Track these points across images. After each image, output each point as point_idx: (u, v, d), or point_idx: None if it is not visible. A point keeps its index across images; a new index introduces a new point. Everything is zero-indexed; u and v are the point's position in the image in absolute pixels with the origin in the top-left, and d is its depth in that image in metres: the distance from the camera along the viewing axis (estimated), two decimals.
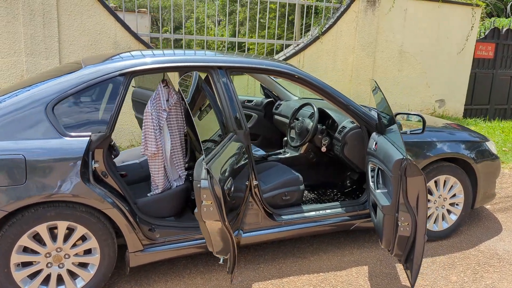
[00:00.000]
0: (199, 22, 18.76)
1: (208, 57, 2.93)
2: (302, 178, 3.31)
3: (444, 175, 3.42)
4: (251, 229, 3.01)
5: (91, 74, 2.62)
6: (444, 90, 8.28)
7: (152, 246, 2.76)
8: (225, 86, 2.87)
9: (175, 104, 3.01)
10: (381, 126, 2.96)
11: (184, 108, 3.10)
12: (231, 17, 17.35)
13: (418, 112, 2.98)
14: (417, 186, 2.37)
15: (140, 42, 5.78)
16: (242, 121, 2.88)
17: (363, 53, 7.20)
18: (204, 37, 6.56)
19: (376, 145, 2.87)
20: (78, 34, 5.48)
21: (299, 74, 3.07)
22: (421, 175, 2.35)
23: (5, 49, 5.20)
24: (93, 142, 2.53)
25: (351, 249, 3.36)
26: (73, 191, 2.44)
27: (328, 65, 7.01)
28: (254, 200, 2.97)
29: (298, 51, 6.73)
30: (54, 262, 2.55)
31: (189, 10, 19.76)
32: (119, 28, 5.65)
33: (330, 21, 6.96)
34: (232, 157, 2.58)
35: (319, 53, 6.88)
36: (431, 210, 3.47)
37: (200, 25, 18.41)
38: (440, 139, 3.42)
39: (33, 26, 5.22)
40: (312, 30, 7.14)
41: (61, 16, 5.35)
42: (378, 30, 7.25)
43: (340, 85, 7.15)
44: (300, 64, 6.78)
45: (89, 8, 5.46)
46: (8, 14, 5.14)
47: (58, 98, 2.53)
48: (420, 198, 2.37)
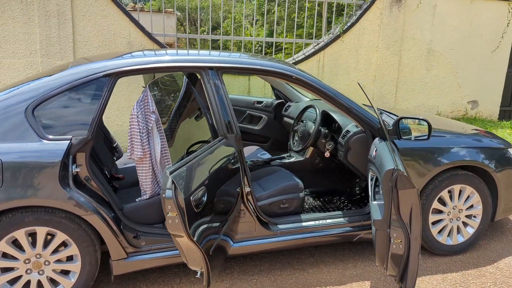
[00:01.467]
0: (236, 22, 18.65)
1: (199, 57, 2.79)
2: (306, 185, 3.13)
3: (459, 184, 3.14)
4: (243, 239, 2.85)
5: (74, 75, 2.54)
6: (477, 91, 7.80)
7: (137, 254, 2.65)
8: (216, 88, 2.73)
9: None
10: (383, 131, 2.73)
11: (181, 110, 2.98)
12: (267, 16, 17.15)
13: (423, 117, 2.73)
14: (410, 199, 2.13)
15: (154, 42, 5.72)
16: (233, 125, 2.73)
17: (387, 51, 6.87)
18: (219, 36, 6.45)
19: (376, 152, 2.64)
20: (92, 35, 5.49)
21: (296, 75, 2.88)
22: (413, 188, 2.11)
23: (21, 50, 5.27)
24: (74, 146, 2.44)
25: (354, 262, 3.13)
26: (50, 196, 2.36)
27: (350, 65, 6.73)
28: (247, 208, 2.81)
29: (318, 50, 6.50)
30: (33, 268, 2.48)
31: (226, 11, 19.69)
32: (133, 28, 5.62)
33: (352, 18, 6.68)
34: (214, 164, 2.43)
35: (341, 52, 6.62)
36: (445, 222, 3.19)
37: (236, 25, 18.27)
38: (455, 144, 3.13)
39: (48, 27, 5.26)
40: (334, 29, 6.88)
41: (76, 17, 5.37)
42: (404, 27, 6.90)
43: (363, 85, 6.86)
44: (320, 63, 6.54)
45: (103, 9, 5.46)
46: (24, 15, 5.20)
47: (39, 100, 2.45)
48: (414, 213, 2.13)
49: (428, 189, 3.09)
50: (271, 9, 15.40)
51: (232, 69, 2.82)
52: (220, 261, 2.48)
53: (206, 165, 2.34)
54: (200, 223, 2.14)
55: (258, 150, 4.21)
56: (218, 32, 18.98)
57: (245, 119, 4.71)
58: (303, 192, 3.14)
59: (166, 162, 2.95)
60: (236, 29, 17.76)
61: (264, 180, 3.30)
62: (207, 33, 19.33)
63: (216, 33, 18.74)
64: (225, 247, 2.67)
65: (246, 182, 2.81)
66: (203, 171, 2.27)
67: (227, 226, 2.51)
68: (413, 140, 2.73)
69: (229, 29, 17.70)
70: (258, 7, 16.54)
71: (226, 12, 19.84)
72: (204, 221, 2.20)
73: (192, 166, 2.20)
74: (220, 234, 2.40)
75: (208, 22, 20.25)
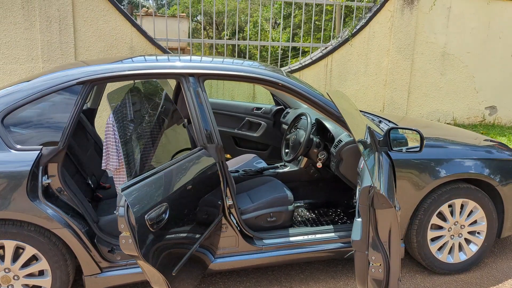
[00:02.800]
0: (257, 26, 18.53)
1: (179, 63, 2.66)
2: (300, 196, 2.96)
3: (461, 198, 2.92)
4: (226, 254, 2.70)
5: (47, 83, 2.44)
6: (496, 96, 7.46)
7: (112, 269, 2.53)
8: (196, 96, 2.60)
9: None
10: (374, 142, 2.54)
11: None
12: (288, 20, 17.00)
13: (415, 128, 2.53)
14: (388, 220, 1.94)
15: (156, 47, 5.65)
16: (213, 135, 2.59)
17: (399, 55, 6.63)
18: (224, 41, 6.33)
19: (362, 165, 2.46)
20: (94, 40, 5.45)
21: (283, 82, 2.72)
22: (391, 208, 1.92)
23: (23, 56, 5.27)
24: (44, 156, 2.34)
25: (347, 280, 2.94)
26: (17, 208, 2.26)
27: (359, 69, 6.52)
28: (229, 222, 2.66)
29: (325, 55, 6.31)
30: (2, 283, 2.39)
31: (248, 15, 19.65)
32: (135, 33, 5.56)
33: (361, 22, 6.47)
34: (184, 176, 2.28)
35: (349, 56, 6.42)
36: (445, 239, 2.97)
37: (257, 29, 18.15)
38: (457, 156, 2.92)
39: (49, 32, 5.25)
40: (342, 32, 6.69)
41: (77, 22, 5.34)
42: (416, 30, 6.65)
43: (373, 90, 6.63)
44: (328, 68, 6.35)
45: (105, 14, 5.42)
46: (25, 21, 5.20)
47: (9, 109, 2.37)
48: (393, 235, 1.94)
49: (426, 203, 2.88)
50: (292, 13, 15.25)
51: (214, 75, 2.68)
52: (190, 281, 2.33)
53: (173, 178, 2.20)
54: (158, 242, 1.99)
55: (254, 158, 4.06)
56: (240, 36, 18.94)
57: (244, 126, 4.57)
58: (293, 205, 2.98)
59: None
60: (257, 34, 17.65)
61: (254, 191, 3.15)
62: (229, 38, 19.33)
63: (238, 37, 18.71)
64: (204, 263, 2.53)
65: (229, 194, 2.66)
66: (167, 185, 2.13)
67: (199, 243, 2.36)
68: (404, 152, 2.54)
69: (251, 33, 17.63)
70: (279, 11, 16.39)
71: (246, 16, 19.78)
72: (165, 241, 2.05)
73: (152, 181, 2.07)
74: (189, 253, 2.24)
75: (231, 26, 20.20)
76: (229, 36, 19.61)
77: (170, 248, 2.08)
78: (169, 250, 2.08)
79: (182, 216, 2.21)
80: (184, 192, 2.25)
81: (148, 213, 1.93)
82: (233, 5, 19.52)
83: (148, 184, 2.03)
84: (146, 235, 1.90)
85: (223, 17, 19.41)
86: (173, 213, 2.12)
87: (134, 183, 1.97)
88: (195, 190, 2.35)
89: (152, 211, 1.95)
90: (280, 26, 7.17)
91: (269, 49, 6.94)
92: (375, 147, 2.53)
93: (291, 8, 13.97)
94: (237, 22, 6.39)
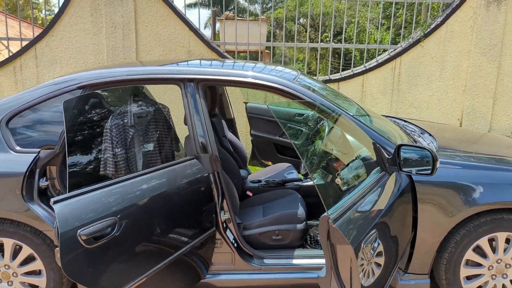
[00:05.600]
0: (359, 27, 17.93)
1: (177, 68, 2.56)
2: (321, 214, 2.68)
3: (506, 232, 2.41)
4: (221, 271, 2.54)
5: (50, 87, 2.51)
6: None
7: None
8: (193, 102, 2.48)
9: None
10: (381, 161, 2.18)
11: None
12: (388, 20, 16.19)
13: (426, 146, 2.10)
14: (348, 256, 1.61)
15: (213, 51, 5.65)
16: (208, 144, 2.44)
17: (482, 57, 5.84)
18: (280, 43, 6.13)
19: None
20: (154, 44, 5.62)
21: (290, 89, 2.48)
22: (347, 245, 1.58)
23: (91, 60, 5.62)
24: (41, 159, 2.40)
25: None
26: (11, 208, 2.34)
27: (433, 73, 5.87)
28: (223, 238, 2.49)
29: (393, 57, 5.79)
30: (3, 278, 2.50)
31: (351, 15, 19.08)
32: (192, 37, 5.63)
33: (436, 20, 5.82)
34: (156, 187, 2.16)
35: (421, 58, 5.81)
36: (484, 278, 2.48)
37: (359, 30, 17.48)
38: (503, 180, 2.41)
39: (114, 38, 5.53)
40: (414, 33, 6.09)
41: (139, 27, 5.56)
42: (505, 29, 5.80)
43: (450, 97, 5.93)
44: (396, 71, 5.82)
45: (164, 19, 5.56)
46: (94, 27, 5.54)
47: (15, 112, 2.47)
48: (353, 274, 1.61)
49: (458, 235, 2.43)
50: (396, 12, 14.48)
51: (214, 81, 2.53)
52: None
53: (137, 190, 2.09)
54: (99, 259, 1.89)
55: (288, 168, 3.83)
56: (339, 38, 18.45)
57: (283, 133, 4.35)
58: (303, 224, 2.72)
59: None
60: (359, 34, 17.04)
61: (270, 204, 2.95)
62: (329, 40, 18.92)
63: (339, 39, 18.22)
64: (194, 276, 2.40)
65: (226, 207, 2.50)
66: (124, 198, 2.02)
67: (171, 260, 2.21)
68: (414, 174, 2.13)
69: (352, 34, 17.08)
70: (383, 10, 15.65)
71: (350, 17, 19.16)
72: (112, 258, 1.93)
73: (100, 194, 1.97)
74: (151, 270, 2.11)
75: (330, 28, 19.72)
76: (329, 38, 19.15)
77: (120, 265, 1.95)
78: (119, 267, 1.95)
79: (146, 231, 2.08)
80: (154, 205, 2.12)
81: (84, 228, 1.84)
82: (333, 7, 19.04)
83: (92, 197, 1.94)
84: (76, 251, 1.80)
85: (322, 19, 19.04)
86: (129, 228, 2.00)
87: (71, 196, 1.89)
88: (172, 202, 2.21)
89: (91, 226, 1.85)
90: (369, 26, 6.74)
91: (341, 50, 6.57)
92: (383, 166, 2.18)
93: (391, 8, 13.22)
94: (332, 24, 6.14)
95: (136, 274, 2.05)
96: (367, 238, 1.71)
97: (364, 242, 1.68)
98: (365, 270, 1.76)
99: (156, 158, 2.60)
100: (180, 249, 2.24)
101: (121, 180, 2.11)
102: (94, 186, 2.00)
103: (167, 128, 2.79)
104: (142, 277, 2.07)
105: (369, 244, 1.71)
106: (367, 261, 1.74)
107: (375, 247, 1.77)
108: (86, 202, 1.91)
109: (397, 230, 2.18)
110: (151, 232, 2.11)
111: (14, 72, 5.67)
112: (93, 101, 2.37)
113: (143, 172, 2.21)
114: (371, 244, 1.73)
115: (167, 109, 2.85)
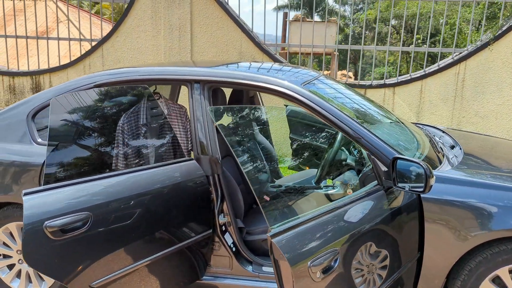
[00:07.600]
0: (453, 29, 16.89)
1: (185, 68, 2.59)
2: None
3: None
4: (218, 274, 2.53)
5: (72, 84, 2.67)
6: None
7: None
8: (198, 103, 2.49)
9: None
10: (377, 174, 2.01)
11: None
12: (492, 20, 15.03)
13: (418, 160, 1.87)
14: (290, 275, 1.48)
15: (264, 52, 5.66)
16: (208, 146, 2.44)
17: None
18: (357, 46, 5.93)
19: None
20: (207, 46, 5.76)
21: (301, 96, 2.36)
22: (284, 261, 1.45)
23: (150, 60, 5.91)
24: None
25: None
26: None
27: (505, 80, 5.31)
28: (221, 241, 2.48)
29: (456, 61, 5.34)
30: (18, 263, 2.71)
31: (447, 16, 18.09)
32: (244, 39, 5.68)
33: (510, 21, 5.26)
34: (139, 186, 2.19)
35: (490, 64, 5.29)
36: None
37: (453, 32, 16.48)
38: None
39: (171, 39, 5.77)
40: (482, 35, 5.56)
41: (194, 29, 5.73)
42: None
43: None
44: (460, 77, 5.36)
45: (218, 21, 5.67)
46: (153, 29, 5.82)
47: (40, 106, 2.68)
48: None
49: (473, 262, 2.17)
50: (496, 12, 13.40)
51: (221, 83, 2.52)
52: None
53: (119, 186, 2.14)
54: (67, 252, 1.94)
55: None
56: (434, 40, 17.54)
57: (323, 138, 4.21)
58: None
59: None
60: (453, 37, 16.07)
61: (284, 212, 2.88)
62: (422, 42, 18.07)
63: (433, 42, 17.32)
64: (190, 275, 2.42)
65: (227, 210, 2.48)
66: (101, 193, 2.08)
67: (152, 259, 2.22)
68: (407, 190, 1.92)
69: (446, 36, 16.19)
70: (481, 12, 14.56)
71: (447, 18, 18.12)
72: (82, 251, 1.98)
73: (73, 189, 2.04)
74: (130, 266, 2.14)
75: (425, 30, 18.80)
76: (421, 41, 18.23)
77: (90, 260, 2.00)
78: (89, 262, 2.00)
79: (123, 228, 2.11)
80: (135, 204, 2.15)
81: (52, 220, 1.91)
82: (429, 7, 18.05)
83: (67, 192, 2.01)
84: (41, 241, 1.88)
85: (419, 20, 18.17)
86: (104, 224, 2.05)
87: (43, 189, 1.98)
88: (156, 203, 2.23)
89: (60, 219, 1.93)
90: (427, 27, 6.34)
91: (399, 54, 6.23)
92: (379, 180, 2.01)
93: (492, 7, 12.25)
94: (416, 25, 5.91)
95: (108, 270, 2.09)
96: (319, 257, 1.59)
97: (312, 261, 1.56)
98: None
99: (167, 157, 2.65)
100: (165, 249, 2.26)
101: (101, 177, 2.17)
102: (70, 182, 2.09)
103: (182, 128, 2.84)
104: (116, 273, 2.11)
105: (320, 264, 1.58)
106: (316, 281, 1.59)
107: (332, 266, 1.64)
108: (59, 196, 2.01)
109: (391, 251, 2.01)
110: (129, 229, 2.14)
111: (84, 70, 6.15)
112: (82, 100, 2.48)
113: (130, 171, 2.26)
114: (326, 263, 1.60)
115: (184, 109, 2.90)
